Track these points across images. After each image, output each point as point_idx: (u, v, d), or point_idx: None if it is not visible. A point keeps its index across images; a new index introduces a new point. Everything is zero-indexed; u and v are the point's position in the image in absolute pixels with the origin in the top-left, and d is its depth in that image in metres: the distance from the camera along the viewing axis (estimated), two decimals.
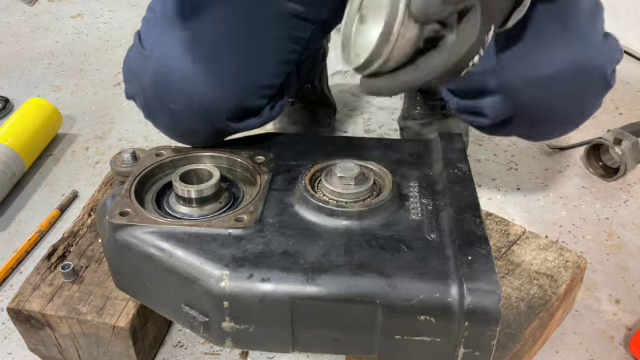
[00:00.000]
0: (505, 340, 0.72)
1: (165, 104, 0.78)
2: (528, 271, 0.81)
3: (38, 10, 2.01)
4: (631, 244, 1.02)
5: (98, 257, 0.85)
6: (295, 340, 0.64)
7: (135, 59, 0.80)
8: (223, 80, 0.77)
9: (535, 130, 0.85)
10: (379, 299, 0.59)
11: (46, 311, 0.77)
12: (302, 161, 0.77)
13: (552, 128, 0.85)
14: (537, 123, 0.82)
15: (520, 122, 0.81)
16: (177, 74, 0.76)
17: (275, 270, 0.61)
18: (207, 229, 0.67)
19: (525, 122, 0.81)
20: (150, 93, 0.78)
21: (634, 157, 1.13)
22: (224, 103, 0.78)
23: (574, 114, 0.81)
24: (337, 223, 0.67)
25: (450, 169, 0.76)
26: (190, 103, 0.77)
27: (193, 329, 0.67)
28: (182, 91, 0.76)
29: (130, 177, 0.76)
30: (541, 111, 0.78)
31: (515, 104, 0.78)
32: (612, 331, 0.87)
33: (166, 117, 0.80)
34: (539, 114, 0.79)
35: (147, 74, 0.77)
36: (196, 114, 0.78)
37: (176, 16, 0.79)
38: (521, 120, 0.80)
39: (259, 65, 0.82)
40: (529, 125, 0.83)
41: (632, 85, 1.46)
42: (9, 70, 1.65)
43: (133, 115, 1.43)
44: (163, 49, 0.77)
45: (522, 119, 0.80)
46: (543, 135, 0.88)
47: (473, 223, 0.66)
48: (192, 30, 0.78)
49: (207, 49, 0.77)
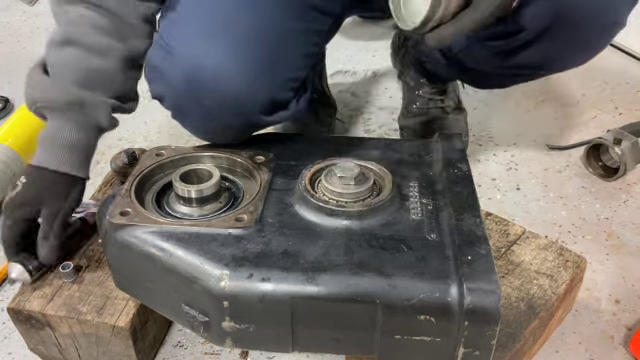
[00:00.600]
0: (505, 340, 0.72)
1: (198, 101, 0.78)
2: (528, 271, 0.81)
3: (38, 10, 2.01)
4: (631, 244, 1.02)
5: (98, 257, 0.85)
6: (295, 340, 0.64)
7: (160, 59, 0.79)
8: (256, 74, 0.78)
9: (567, 43, 0.84)
10: (379, 299, 0.59)
11: (46, 311, 0.77)
12: (302, 161, 0.77)
13: (586, 38, 0.84)
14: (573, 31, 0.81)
15: (556, 31, 0.80)
16: (210, 70, 0.76)
17: (275, 270, 0.61)
18: (207, 229, 0.67)
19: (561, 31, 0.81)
20: (181, 91, 0.78)
21: (634, 157, 1.13)
22: (257, 97, 0.79)
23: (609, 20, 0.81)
24: (337, 223, 0.67)
25: (450, 169, 0.76)
26: (224, 98, 0.77)
27: (193, 329, 0.67)
28: (216, 87, 0.77)
29: (130, 177, 0.76)
30: (579, 15, 0.78)
31: (556, 9, 0.77)
32: (612, 331, 0.88)
33: (199, 115, 0.80)
34: (577, 19, 0.79)
35: (176, 73, 0.77)
36: (230, 109, 0.78)
37: (203, 13, 0.79)
38: (558, 28, 0.80)
39: (288, 58, 0.83)
40: (564, 36, 0.82)
41: (632, 85, 1.46)
42: (9, 70, 1.65)
43: (133, 115, 1.43)
44: (193, 47, 0.77)
45: (559, 27, 0.80)
46: (573, 52, 0.87)
47: (473, 223, 0.66)
48: (222, 26, 0.78)
49: (238, 44, 0.77)
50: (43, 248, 0.77)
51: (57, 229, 0.78)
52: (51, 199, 0.78)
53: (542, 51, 0.84)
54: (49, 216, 0.77)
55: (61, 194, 0.78)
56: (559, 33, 0.80)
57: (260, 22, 0.80)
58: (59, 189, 0.79)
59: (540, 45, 0.83)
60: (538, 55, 0.85)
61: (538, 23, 0.79)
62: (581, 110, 1.39)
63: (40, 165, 0.79)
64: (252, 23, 0.79)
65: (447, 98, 1.23)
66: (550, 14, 0.78)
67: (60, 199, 0.78)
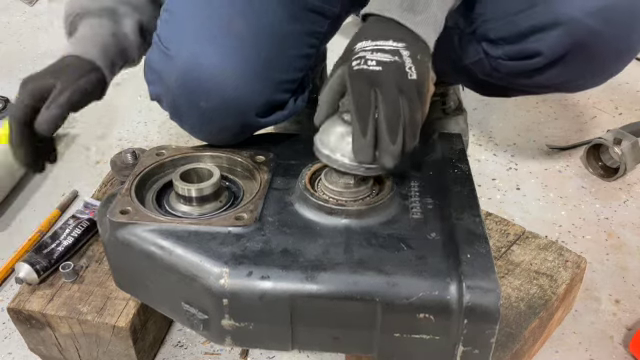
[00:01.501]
0: (505, 340, 0.72)
1: (195, 102, 0.78)
2: (528, 271, 0.81)
3: (38, 10, 2.01)
4: (631, 244, 1.02)
5: (98, 257, 0.85)
6: (294, 338, 0.64)
7: (158, 60, 0.80)
8: (253, 75, 0.78)
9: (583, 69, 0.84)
10: (378, 297, 0.59)
11: (46, 311, 0.77)
12: (302, 160, 0.77)
13: (602, 65, 0.84)
14: (590, 58, 0.81)
15: (573, 58, 0.80)
16: (207, 71, 0.76)
17: (275, 268, 0.61)
18: (207, 227, 0.67)
19: (578, 58, 0.81)
20: (178, 93, 0.78)
21: (634, 157, 1.13)
22: (254, 98, 0.79)
23: (625, 47, 0.81)
24: (337, 222, 0.67)
25: (450, 169, 0.76)
26: (222, 100, 0.77)
27: (193, 327, 0.67)
28: (213, 88, 0.77)
29: (131, 176, 0.76)
30: (598, 43, 0.78)
31: (574, 36, 0.77)
32: (612, 331, 0.87)
33: (195, 116, 0.80)
34: (595, 47, 0.79)
35: (174, 74, 0.77)
36: (227, 110, 0.78)
37: (200, 15, 0.79)
38: (575, 55, 0.80)
39: (285, 59, 0.83)
40: (580, 62, 0.82)
41: (632, 85, 1.46)
42: (9, 70, 1.65)
43: (133, 115, 1.44)
44: (190, 48, 0.77)
45: (577, 54, 0.80)
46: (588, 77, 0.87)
47: (472, 222, 0.66)
48: (218, 28, 0.78)
49: (235, 45, 0.78)
50: (42, 116, 0.77)
51: (62, 99, 0.78)
52: (65, 75, 0.80)
53: (557, 75, 0.84)
54: (60, 89, 0.78)
55: (77, 73, 0.81)
56: (576, 59, 0.80)
57: (257, 23, 0.80)
58: (76, 69, 0.81)
59: (555, 69, 0.83)
60: (552, 78, 0.85)
61: (556, 49, 0.79)
62: (581, 110, 1.39)
63: (62, 55, 0.83)
64: (249, 24, 0.79)
65: (448, 99, 1.23)
66: (569, 42, 0.78)
67: (74, 76, 0.80)
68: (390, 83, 0.63)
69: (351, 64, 0.65)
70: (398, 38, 0.64)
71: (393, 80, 0.63)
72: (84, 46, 0.84)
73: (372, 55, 0.64)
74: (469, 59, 0.95)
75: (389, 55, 0.63)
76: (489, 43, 0.87)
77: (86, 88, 0.81)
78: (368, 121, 0.63)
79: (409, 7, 0.66)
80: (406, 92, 0.63)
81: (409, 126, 0.64)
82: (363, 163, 0.65)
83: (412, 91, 0.64)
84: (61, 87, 0.78)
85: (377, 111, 0.63)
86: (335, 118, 0.68)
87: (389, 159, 0.64)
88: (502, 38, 0.84)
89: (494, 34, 0.85)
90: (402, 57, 0.63)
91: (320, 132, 0.69)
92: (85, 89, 0.81)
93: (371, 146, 0.64)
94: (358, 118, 0.64)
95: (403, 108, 0.63)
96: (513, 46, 0.83)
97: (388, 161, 0.64)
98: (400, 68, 0.63)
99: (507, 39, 0.84)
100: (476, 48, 0.90)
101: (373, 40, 0.65)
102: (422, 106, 0.65)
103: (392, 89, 0.63)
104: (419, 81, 0.64)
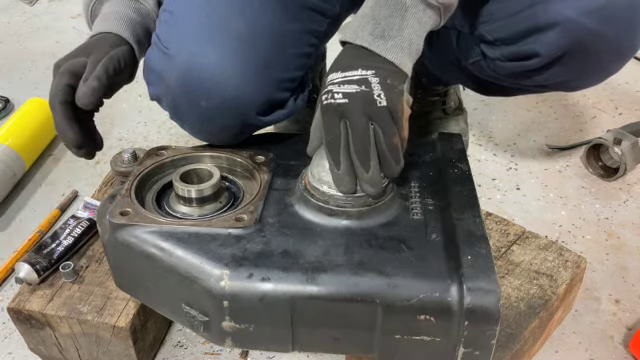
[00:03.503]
0: (505, 340, 0.72)
1: (195, 102, 0.78)
2: (528, 271, 0.81)
3: (38, 10, 2.01)
4: (631, 244, 1.02)
5: (98, 257, 0.85)
6: (295, 339, 0.64)
7: (157, 60, 0.80)
8: (252, 74, 0.78)
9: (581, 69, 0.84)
10: (379, 298, 0.59)
11: (46, 311, 0.77)
12: (302, 161, 0.77)
13: (600, 64, 0.84)
14: (588, 58, 0.81)
15: (571, 58, 0.80)
16: (207, 71, 0.76)
17: (275, 269, 0.61)
18: (207, 229, 0.67)
19: (576, 58, 0.81)
20: (178, 92, 0.78)
21: (634, 157, 1.13)
22: (254, 97, 0.79)
23: (624, 46, 0.81)
24: (337, 223, 0.67)
25: (450, 169, 0.76)
26: (222, 99, 0.77)
27: (193, 328, 0.67)
28: (213, 87, 0.76)
29: (130, 177, 0.76)
30: (596, 43, 0.78)
31: (572, 36, 0.77)
32: (612, 331, 0.88)
33: (196, 115, 0.80)
34: (593, 46, 0.79)
35: (174, 74, 0.77)
36: (227, 109, 0.78)
37: (199, 14, 0.79)
38: (573, 55, 0.80)
39: (284, 58, 0.83)
40: (579, 62, 0.82)
41: (632, 85, 1.46)
42: (9, 70, 1.65)
43: (133, 115, 1.44)
44: (189, 48, 0.77)
45: (575, 54, 0.80)
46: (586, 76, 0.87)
47: (473, 223, 0.66)
48: (218, 27, 0.78)
49: (234, 44, 0.77)
50: (81, 89, 0.77)
51: (99, 71, 0.77)
52: (97, 49, 0.80)
53: (555, 75, 0.84)
54: (93, 61, 0.78)
55: (107, 45, 0.81)
56: (574, 59, 0.81)
57: (256, 22, 0.80)
58: (106, 43, 0.81)
59: (554, 69, 0.83)
60: (551, 78, 0.86)
61: (553, 50, 0.79)
62: (581, 110, 1.39)
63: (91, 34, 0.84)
64: (248, 24, 0.79)
65: (448, 99, 1.23)
66: (566, 42, 0.78)
67: (106, 48, 0.80)
68: (357, 113, 0.65)
69: (321, 98, 0.67)
70: (367, 66, 0.66)
71: (361, 110, 0.64)
72: (109, 23, 0.83)
73: (339, 88, 0.66)
74: (468, 60, 0.95)
75: (355, 85, 0.65)
76: (487, 45, 0.87)
77: (119, 58, 0.80)
78: (339, 153, 0.66)
79: (380, 34, 0.66)
80: (377, 119, 0.65)
81: (389, 151, 0.66)
82: (347, 194, 0.67)
83: (384, 117, 0.65)
84: (94, 60, 0.78)
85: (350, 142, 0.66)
86: (321, 151, 0.70)
87: (368, 187, 0.66)
88: (499, 39, 0.84)
89: (492, 35, 0.85)
90: (370, 85, 0.65)
91: (311, 164, 0.71)
92: (119, 59, 0.80)
93: (348, 176, 0.66)
94: (328, 151, 0.67)
95: (377, 135, 0.65)
96: (511, 47, 0.83)
97: (367, 188, 0.67)
98: (367, 97, 0.64)
99: (504, 40, 0.84)
100: (474, 49, 0.90)
101: (342, 71, 0.66)
102: (400, 130, 0.67)
103: (360, 119, 0.65)
104: (390, 106, 0.65)
